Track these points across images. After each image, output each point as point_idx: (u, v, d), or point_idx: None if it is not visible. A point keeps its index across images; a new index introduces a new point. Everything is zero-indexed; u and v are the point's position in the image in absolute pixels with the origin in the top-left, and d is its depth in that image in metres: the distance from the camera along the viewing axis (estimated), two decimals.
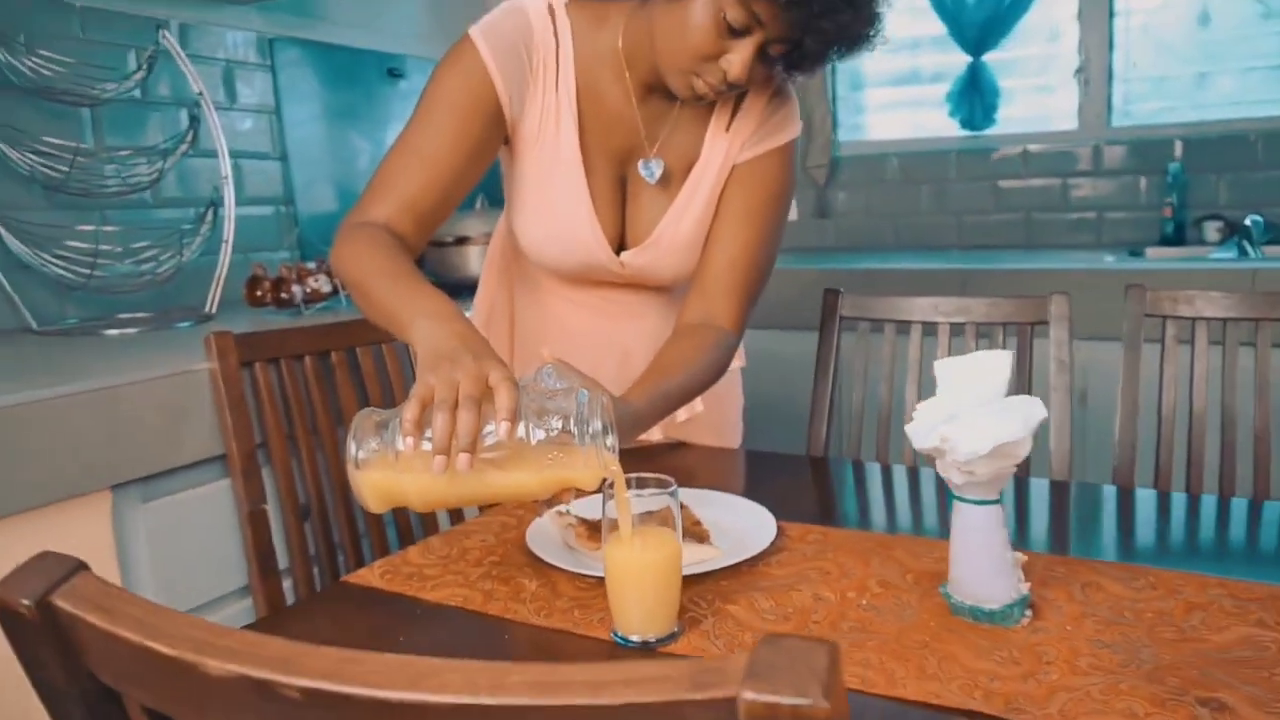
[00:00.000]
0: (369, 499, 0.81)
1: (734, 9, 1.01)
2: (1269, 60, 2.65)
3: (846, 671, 0.76)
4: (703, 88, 1.08)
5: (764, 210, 1.22)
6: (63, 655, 0.41)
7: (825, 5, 1.00)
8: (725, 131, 1.21)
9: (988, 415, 0.77)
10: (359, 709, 0.33)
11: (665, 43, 1.07)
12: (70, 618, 0.40)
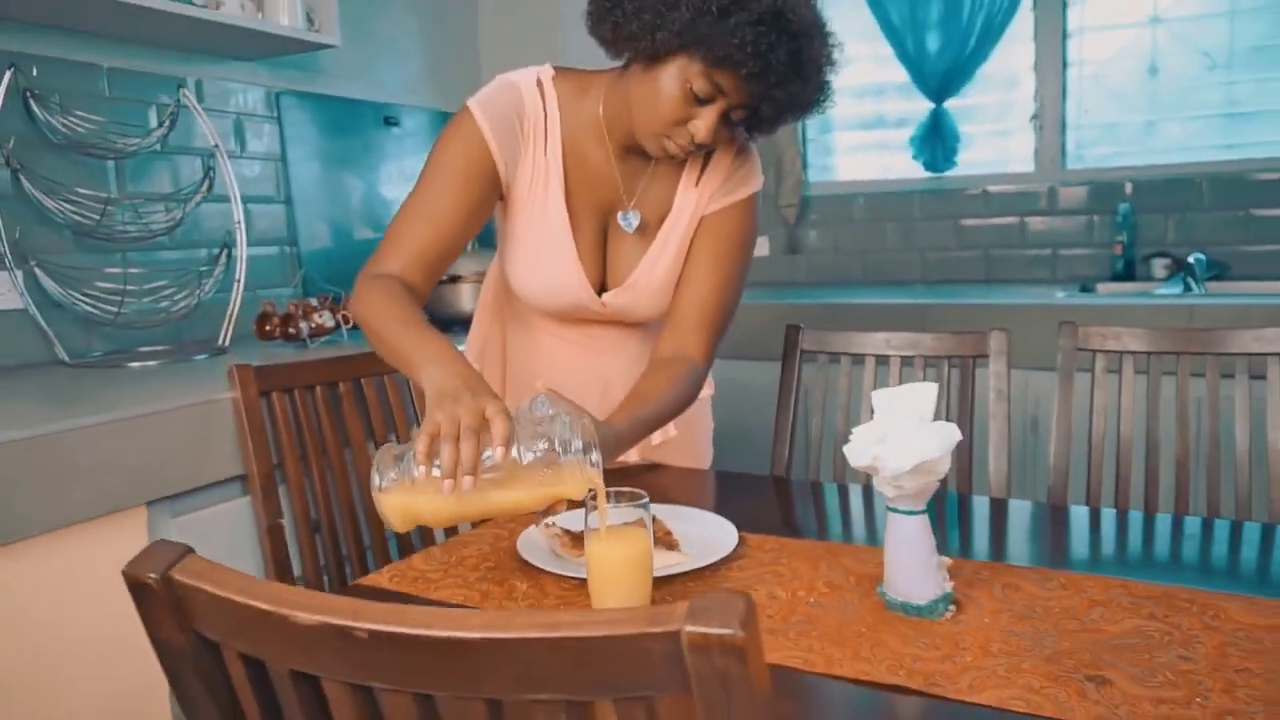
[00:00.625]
0: (393, 520, 0.94)
1: (699, 81, 1.16)
2: (1213, 109, 2.84)
3: (792, 655, 0.89)
4: (673, 148, 1.23)
5: (730, 256, 1.37)
6: (177, 616, 0.54)
7: (779, 76, 1.15)
8: (695, 186, 1.36)
9: (912, 437, 0.92)
10: (410, 644, 0.47)
11: (640, 111, 1.22)
12: (185, 588, 0.53)
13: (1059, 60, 2.98)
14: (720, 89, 1.17)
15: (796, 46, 1.14)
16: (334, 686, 0.51)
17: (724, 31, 1.11)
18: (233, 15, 1.84)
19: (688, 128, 1.20)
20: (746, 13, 1.11)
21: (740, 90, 1.17)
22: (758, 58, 1.12)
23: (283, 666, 0.52)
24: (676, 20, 1.13)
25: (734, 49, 1.12)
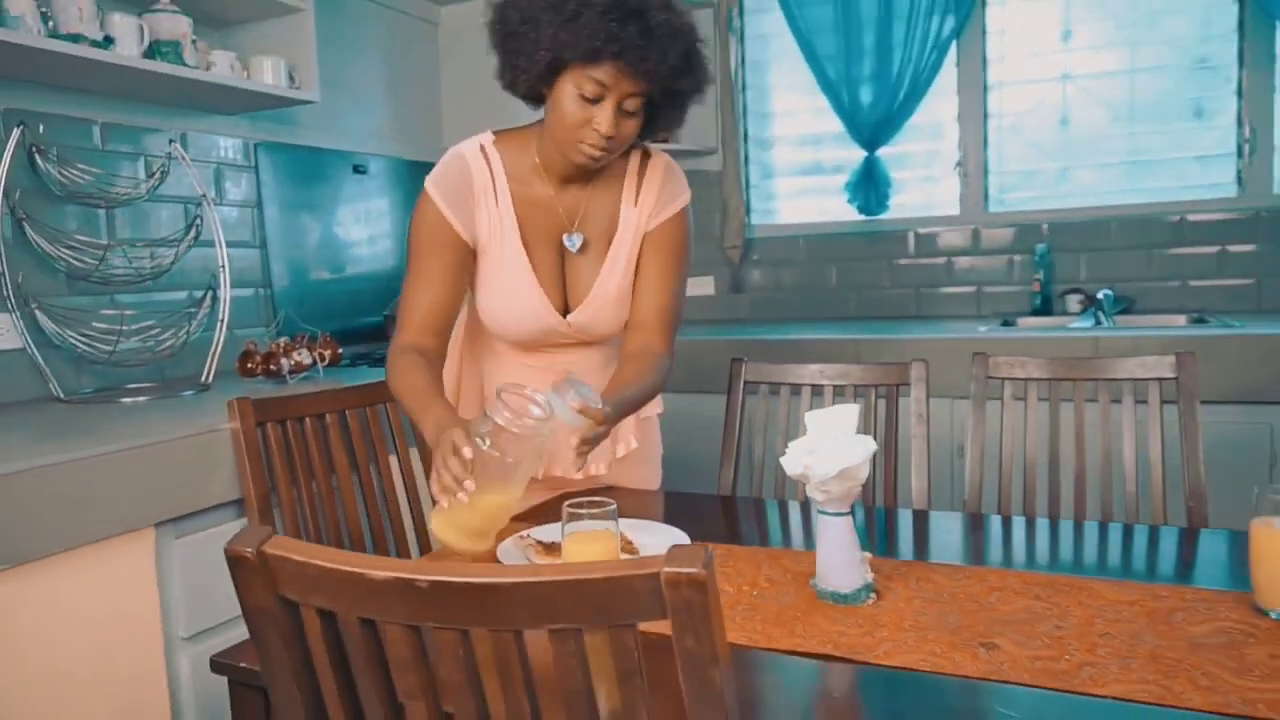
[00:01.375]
0: (449, 542, 1.18)
1: (584, 84, 1.36)
2: (1120, 157, 3.12)
3: (739, 633, 1.06)
4: (590, 150, 1.41)
5: (675, 264, 1.58)
6: (266, 582, 0.70)
7: (639, 51, 1.33)
8: (635, 205, 1.56)
9: (837, 449, 1.10)
10: (459, 590, 0.63)
11: (555, 132, 1.42)
12: (275, 558, 0.69)
13: (980, 112, 3.24)
14: (603, 84, 1.35)
15: (643, 22, 1.32)
16: (394, 628, 0.67)
17: (580, 33, 1.31)
18: (223, 76, 2.00)
19: (592, 127, 1.38)
20: (591, 9, 1.31)
21: (617, 77, 1.35)
22: (613, 40, 1.31)
23: (352, 615, 0.68)
24: (543, 42, 1.33)
25: (593, 42, 1.31)
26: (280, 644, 0.72)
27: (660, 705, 0.73)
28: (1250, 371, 2.33)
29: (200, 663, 1.52)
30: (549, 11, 1.33)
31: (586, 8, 1.31)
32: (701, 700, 0.64)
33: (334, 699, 0.73)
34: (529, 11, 1.36)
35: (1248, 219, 2.90)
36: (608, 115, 1.37)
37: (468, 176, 1.49)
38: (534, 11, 1.35)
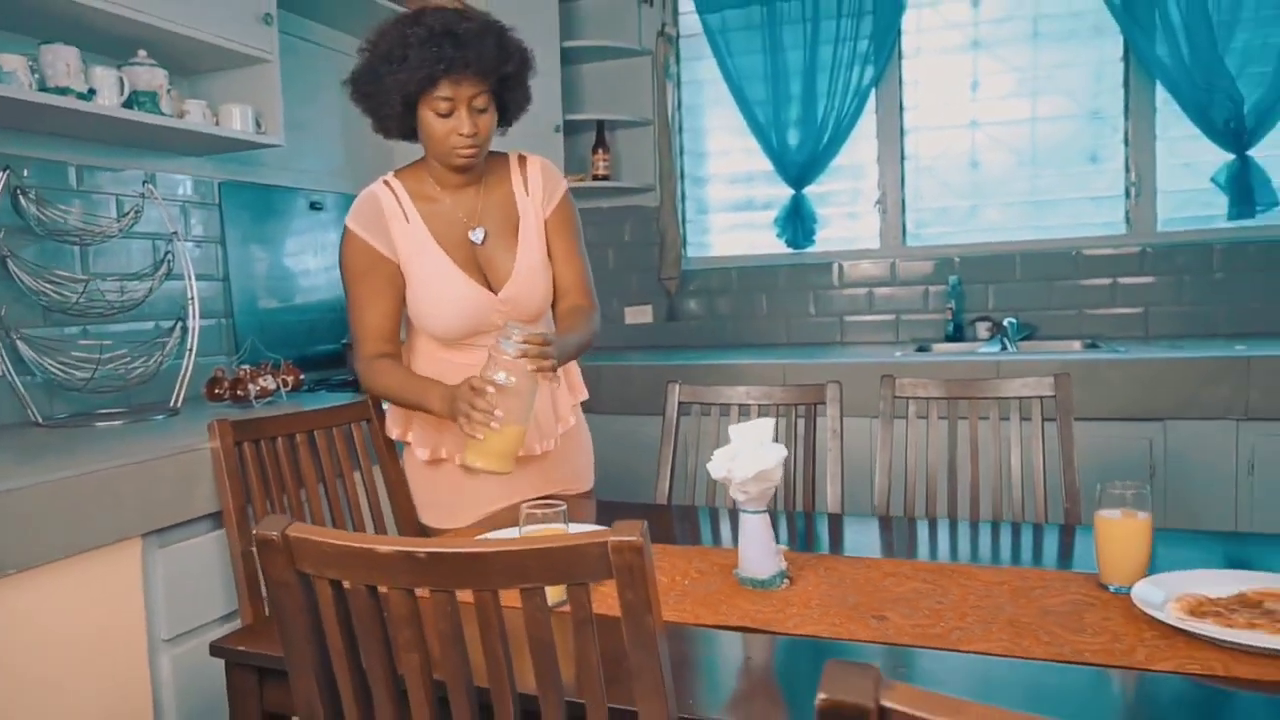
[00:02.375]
0: (482, 468, 1.55)
1: (435, 104, 1.66)
2: (1024, 197, 3.40)
3: (673, 614, 1.25)
4: (462, 153, 1.69)
5: (577, 238, 1.89)
6: (287, 560, 0.86)
7: (460, 56, 1.60)
8: (526, 194, 1.84)
9: (754, 455, 1.30)
10: (450, 559, 0.81)
11: (432, 151, 1.72)
12: (296, 540, 0.85)
13: (898, 154, 3.50)
14: (448, 98, 1.64)
15: (454, 37, 1.60)
16: (394, 593, 0.84)
17: (413, 69, 1.60)
18: (195, 122, 2.15)
19: (457, 134, 1.66)
20: (412, 48, 1.60)
21: (456, 87, 1.63)
22: (438, 61, 1.59)
23: (360, 584, 0.85)
24: (390, 90, 1.64)
25: (423, 70, 1.60)
26: (297, 611, 0.89)
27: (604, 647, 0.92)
28: (1133, 392, 2.60)
29: (181, 663, 1.65)
30: (384, 64, 1.64)
31: (409, 49, 1.61)
32: (638, 641, 0.82)
33: (340, 656, 0.90)
34: (370, 73, 1.67)
35: (1136, 254, 3.20)
36: (463, 121, 1.66)
37: (378, 206, 1.77)
38: (374, 71, 1.66)
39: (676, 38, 3.67)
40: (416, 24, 1.62)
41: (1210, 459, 2.54)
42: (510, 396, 1.53)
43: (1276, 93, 2.87)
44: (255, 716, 1.20)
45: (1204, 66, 2.93)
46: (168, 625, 1.64)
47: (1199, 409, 2.54)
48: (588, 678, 0.85)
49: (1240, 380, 2.50)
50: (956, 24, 3.39)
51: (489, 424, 1.51)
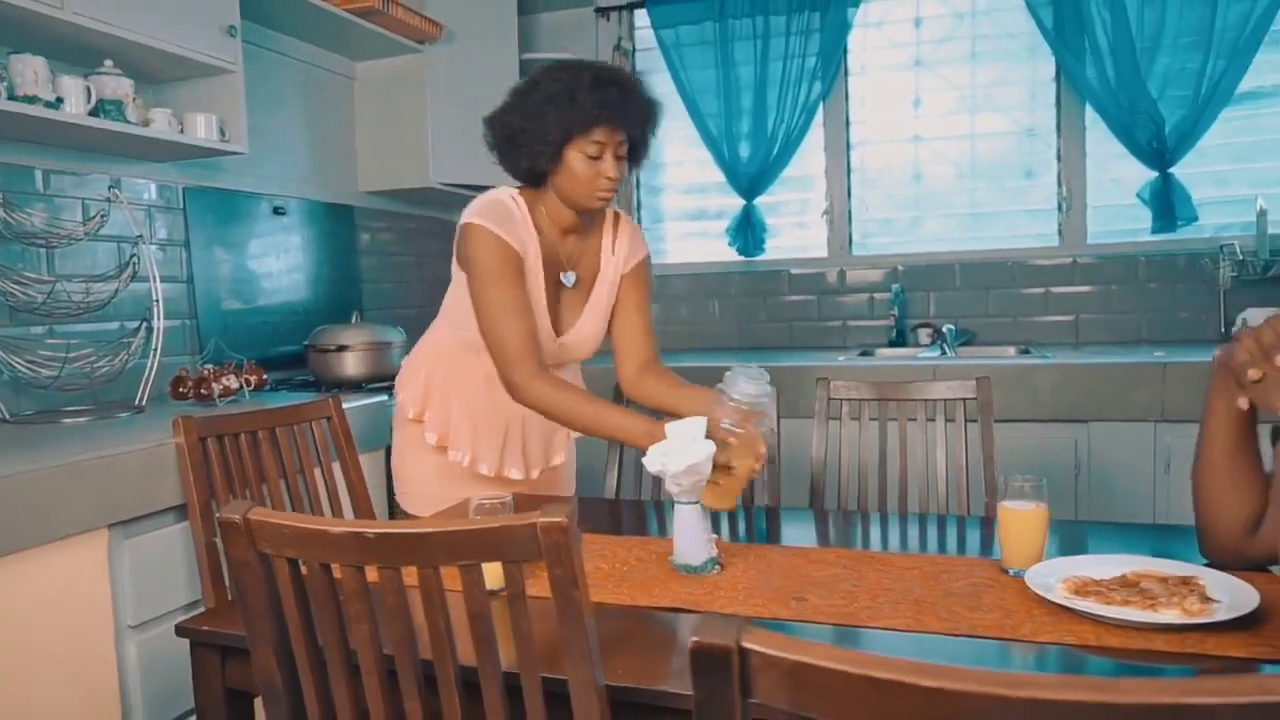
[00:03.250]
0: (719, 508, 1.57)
1: (589, 147, 1.73)
2: (964, 209, 3.56)
3: (613, 596, 1.35)
4: (603, 195, 1.77)
5: (648, 298, 2.01)
6: (249, 540, 0.96)
7: (621, 104, 1.71)
8: (612, 253, 1.93)
9: (686, 450, 1.41)
10: (396, 539, 0.91)
11: (570, 191, 1.77)
12: (257, 522, 0.95)
13: (844, 167, 3.64)
14: (601, 142, 1.73)
15: (618, 87, 1.72)
16: (345, 569, 0.94)
17: (578, 109, 1.69)
18: (160, 130, 2.22)
19: (602, 176, 1.75)
20: (580, 88, 1.69)
21: (609, 131, 1.73)
22: (603, 107, 1.69)
23: (315, 561, 0.94)
24: (550, 128, 1.71)
25: (589, 112, 1.69)
26: (257, 588, 0.98)
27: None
28: (1059, 395, 2.75)
29: (146, 648, 1.73)
30: (550, 104, 1.71)
31: (578, 90, 1.69)
32: (566, 612, 0.92)
33: (297, 629, 0.99)
34: (531, 109, 1.73)
35: (1067, 265, 3.37)
36: (611, 165, 1.75)
37: (508, 210, 1.80)
38: (537, 108, 1.72)
39: (633, 51, 3.78)
40: (583, 70, 1.72)
41: (1130, 458, 2.70)
42: (743, 445, 1.52)
43: (1195, 114, 3.04)
44: (219, 694, 1.28)
45: (1128, 89, 3.09)
46: (134, 612, 1.71)
47: (1120, 411, 2.70)
48: (522, 648, 0.95)
49: (1157, 385, 2.66)
50: (900, 44, 3.54)
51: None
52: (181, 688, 1.76)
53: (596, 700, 0.96)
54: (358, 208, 3.37)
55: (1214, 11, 3.00)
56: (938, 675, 0.52)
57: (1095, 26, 3.13)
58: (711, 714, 0.62)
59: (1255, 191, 3.07)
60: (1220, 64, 3.02)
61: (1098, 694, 0.47)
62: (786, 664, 0.58)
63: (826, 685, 0.56)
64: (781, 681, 0.58)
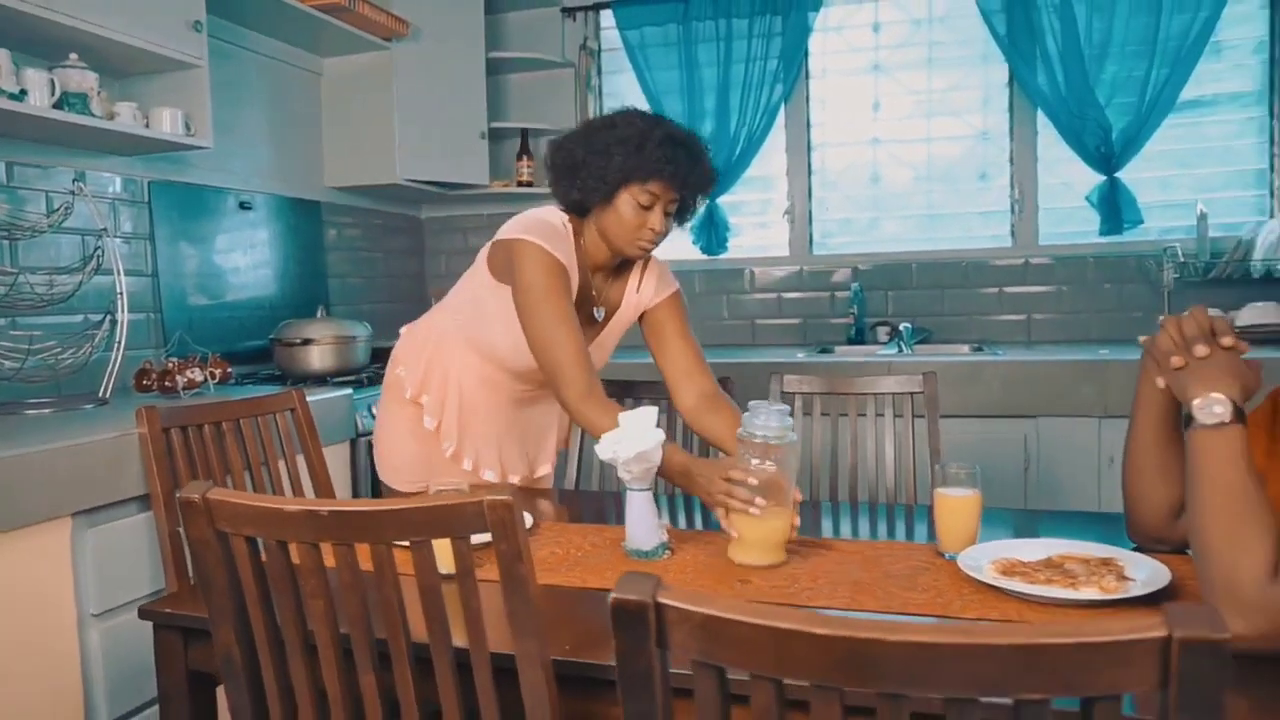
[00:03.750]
0: (750, 564, 1.45)
1: (642, 196, 1.76)
2: (921, 211, 3.64)
3: (566, 579, 1.40)
4: (645, 245, 1.81)
5: (688, 324, 1.99)
6: (208, 519, 1.00)
7: (684, 168, 1.76)
8: (636, 291, 1.96)
9: (636, 438, 1.46)
10: (346, 516, 0.95)
11: (614, 233, 1.80)
12: (215, 501, 0.99)
13: (805, 168, 3.72)
14: (655, 194, 1.76)
15: (687, 149, 1.77)
16: (300, 547, 0.98)
17: (644, 159, 1.73)
18: (125, 124, 2.24)
19: (648, 227, 1.78)
20: (651, 140, 1.73)
21: (666, 188, 1.77)
22: (668, 163, 1.73)
23: (272, 539, 0.99)
24: (614, 167, 1.74)
25: (653, 165, 1.73)
26: (217, 565, 1.02)
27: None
28: (1009, 391, 2.84)
29: (108, 636, 1.76)
30: (619, 146, 1.74)
31: (648, 141, 1.74)
32: (512, 587, 0.98)
33: (255, 605, 1.04)
34: (598, 146, 1.76)
35: (1019, 266, 3.46)
36: (659, 218, 1.78)
37: (558, 231, 1.82)
38: (604, 146, 1.76)
39: (598, 51, 3.83)
40: (659, 126, 1.77)
41: (1076, 452, 2.79)
42: (771, 485, 1.44)
43: (1139, 121, 3.15)
44: (181, 674, 1.32)
45: (1077, 95, 3.19)
46: (96, 601, 1.74)
47: (1066, 407, 2.79)
48: (472, 623, 1.00)
49: (1101, 382, 2.75)
50: (859, 49, 3.62)
51: (749, 510, 1.44)
52: (143, 676, 1.79)
53: (542, 672, 1.01)
54: (324, 203, 3.40)
55: (1158, 22, 3.11)
56: (826, 624, 0.59)
57: (1046, 35, 3.22)
58: (631, 665, 0.67)
59: (1196, 196, 3.18)
60: (1164, 73, 3.12)
61: (958, 637, 0.54)
62: (697, 617, 0.64)
63: (732, 635, 0.62)
64: (693, 633, 0.64)
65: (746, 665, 0.63)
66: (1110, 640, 0.58)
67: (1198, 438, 1.12)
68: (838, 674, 0.59)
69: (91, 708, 1.74)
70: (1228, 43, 3.23)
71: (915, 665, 0.57)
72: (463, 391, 1.95)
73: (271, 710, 1.08)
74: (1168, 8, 3.10)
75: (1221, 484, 1.08)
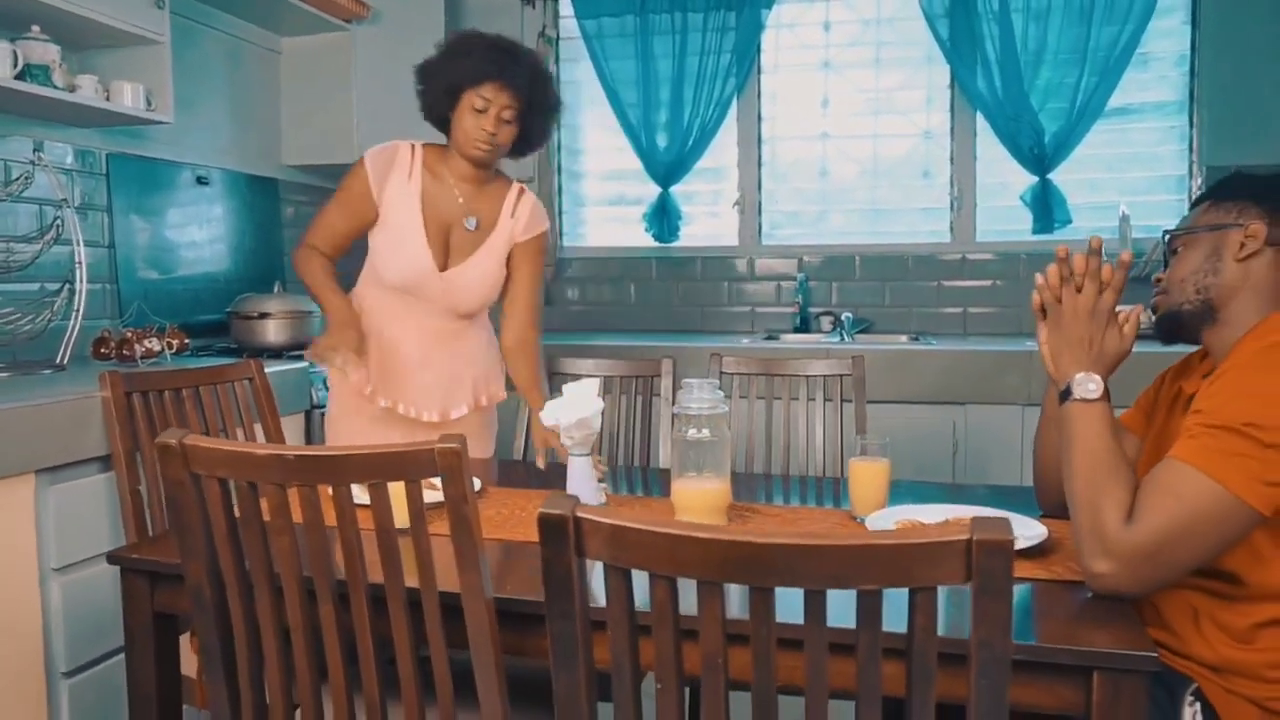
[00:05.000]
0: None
1: (475, 100, 1.98)
2: (866, 205, 3.78)
3: (511, 534, 1.51)
4: (481, 146, 2.00)
5: (537, 273, 2.21)
6: (184, 462, 1.09)
7: (509, 70, 1.97)
8: (511, 216, 2.13)
9: (578, 407, 1.57)
10: (309, 460, 1.05)
11: (457, 139, 2.04)
12: (191, 446, 1.08)
13: (755, 160, 3.84)
14: (487, 98, 1.97)
15: (511, 55, 1.99)
16: (268, 486, 1.08)
17: (471, 65, 1.97)
18: (87, 97, 2.29)
19: (481, 129, 1.99)
20: (478, 49, 1.98)
21: (496, 93, 1.97)
22: (492, 64, 1.96)
23: (243, 480, 1.08)
24: (445, 75, 1.99)
25: (480, 69, 1.96)
26: (191, 506, 1.11)
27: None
28: (942, 379, 2.99)
29: (69, 589, 1.82)
30: (449, 56, 2.01)
31: (473, 49, 1.99)
32: (459, 526, 1.08)
33: (224, 542, 1.13)
34: (438, 64, 2.03)
35: (957, 261, 3.62)
36: (492, 121, 1.99)
37: (394, 157, 2.10)
38: (440, 62, 2.03)
39: (556, 40, 3.92)
40: (484, 37, 2.02)
41: (1002, 437, 2.95)
42: (707, 450, 1.52)
43: (1070, 126, 3.32)
44: (147, 616, 1.40)
45: (1013, 99, 3.35)
46: (57, 556, 1.81)
47: (993, 395, 2.95)
48: (422, 559, 1.11)
49: (1026, 371, 2.91)
50: (810, 46, 3.75)
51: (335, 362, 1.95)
52: (100, 628, 1.87)
53: (484, 606, 1.11)
54: (281, 180, 3.45)
55: (1089, 33, 3.28)
56: (710, 531, 0.73)
57: (986, 41, 3.38)
58: (555, 570, 0.79)
59: (1120, 199, 3.37)
60: (1093, 80, 3.29)
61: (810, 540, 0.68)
62: (607, 528, 0.76)
63: (636, 542, 0.75)
64: (605, 541, 0.76)
65: (648, 566, 0.76)
66: (927, 542, 0.73)
67: (1074, 409, 1.26)
68: (719, 572, 0.74)
69: (50, 656, 1.80)
70: (1153, 55, 3.41)
71: (778, 563, 0.73)
72: (381, 332, 2.12)
73: (237, 641, 1.17)
74: (1098, 19, 3.28)
75: (1089, 448, 1.22)
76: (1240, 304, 1.33)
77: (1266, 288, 1.32)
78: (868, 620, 0.78)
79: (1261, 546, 1.23)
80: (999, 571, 0.74)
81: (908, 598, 0.78)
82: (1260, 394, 1.18)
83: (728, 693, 0.83)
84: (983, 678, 0.77)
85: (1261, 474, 1.14)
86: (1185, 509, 1.15)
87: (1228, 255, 1.33)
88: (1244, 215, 1.33)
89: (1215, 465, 1.15)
